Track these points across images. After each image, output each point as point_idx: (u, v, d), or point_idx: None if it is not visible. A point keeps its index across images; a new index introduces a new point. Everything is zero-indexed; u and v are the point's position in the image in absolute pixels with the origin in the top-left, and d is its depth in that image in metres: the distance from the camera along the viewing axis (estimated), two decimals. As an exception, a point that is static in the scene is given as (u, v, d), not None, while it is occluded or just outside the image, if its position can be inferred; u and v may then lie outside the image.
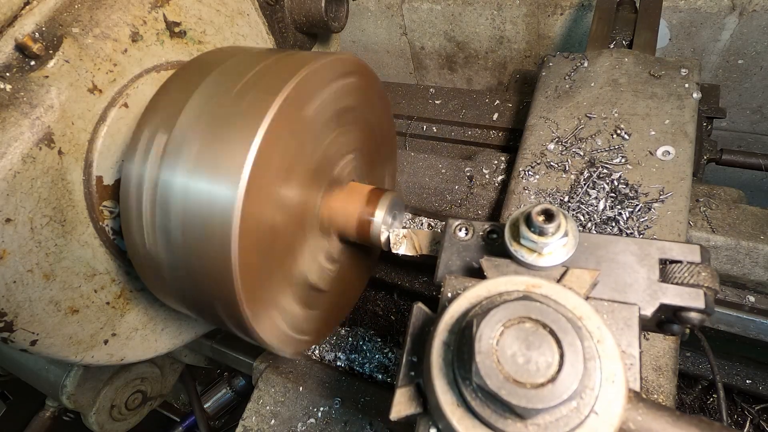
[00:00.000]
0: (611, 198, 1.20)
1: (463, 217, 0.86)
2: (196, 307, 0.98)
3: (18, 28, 0.89)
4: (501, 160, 1.59)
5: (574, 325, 0.50)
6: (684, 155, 1.23)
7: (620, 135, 1.31)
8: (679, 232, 1.13)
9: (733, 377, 1.68)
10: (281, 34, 1.49)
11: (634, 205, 1.18)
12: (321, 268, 1.13)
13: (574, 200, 1.22)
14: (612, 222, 1.17)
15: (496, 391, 0.48)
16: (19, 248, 0.89)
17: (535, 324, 0.51)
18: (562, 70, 1.52)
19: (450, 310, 0.59)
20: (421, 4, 2.68)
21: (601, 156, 1.28)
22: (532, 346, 0.49)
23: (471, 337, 0.51)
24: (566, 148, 1.33)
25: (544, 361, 0.49)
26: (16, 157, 0.86)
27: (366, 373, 1.59)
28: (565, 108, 1.41)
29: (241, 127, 0.83)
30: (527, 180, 1.31)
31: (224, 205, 0.80)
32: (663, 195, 1.18)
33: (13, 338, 0.94)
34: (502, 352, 0.50)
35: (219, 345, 2.25)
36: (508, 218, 0.71)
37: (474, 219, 0.86)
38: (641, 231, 1.14)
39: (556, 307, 0.52)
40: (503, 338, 0.50)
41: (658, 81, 1.38)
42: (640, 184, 1.21)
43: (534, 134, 1.39)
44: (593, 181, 1.23)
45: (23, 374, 2.15)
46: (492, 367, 0.48)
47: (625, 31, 1.64)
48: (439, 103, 1.94)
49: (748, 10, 1.99)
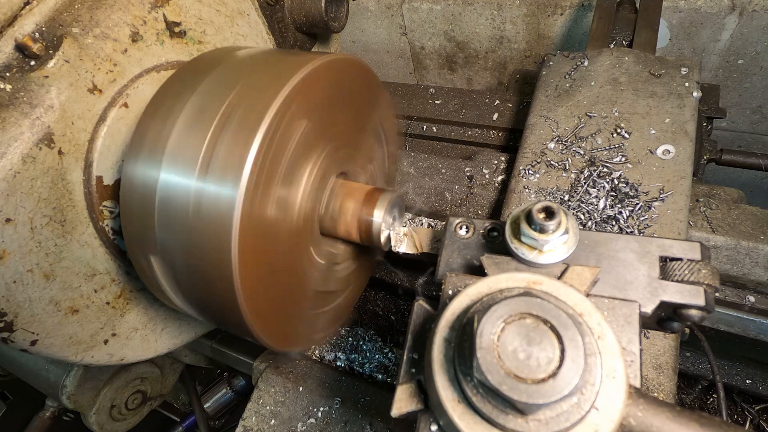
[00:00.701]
0: (611, 197, 1.20)
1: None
2: (196, 306, 0.98)
3: (18, 28, 0.89)
4: (501, 160, 1.59)
5: (575, 321, 0.50)
6: (684, 154, 1.23)
7: (620, 134, 1.31)
8: (680, 230, 1.13)
9: (733, 377, 1.68)
10: (281, 34, 1.49)
11: (635, 204, 1.18)
12: (322, 267, 1.13)
13: (574, 199, 1.22)
14: (612, 221, 1.17)
15: (497, 386, 0.48)
16: (19, 248, 0.89)
17: (536, 320, 0.51)
18: (562, 69, 1.52)
19: (451, 306, 0.59)
20: (421, 4, 2.68)
21: (601, 155, 1.29)
22: (533, 342, 0.49)
23: (472, 333, 0.51)
24: (566, 147, 1.33)
25: (545, 357, 0.49)
26: (16, 157, 0.86)
27: (366, 373, 1.59)
28: (565, 107, 1.42)
29: (241, 126, 0.83)
30: (527, 179, 1.32)
31: (225, 204, 0.80)
32: (663, 194, 1.18)
33: (13, 338, 0.94)
34: (503, 347, 0.49)
35: (219, 345, 2.25)
36: (509, 216, 0.71)
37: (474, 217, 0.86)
38: (641, 230, 1.14)
39: (556, 303, 0.52)
40: (504, 334, 0.50)
41: (658, 80, 1.39)
42: (640, 183, 1.21)
43: (534, 133, 1.40)
44: (593, 180, 1.23)
45: (23, 374, 2.15)
46: (493, 362, 0.48)
47: (625, 31, 1.64)
48: (439, 103, 1.94)
49: (748, 10, 2.00)
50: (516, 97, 1.86)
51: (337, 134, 1.05)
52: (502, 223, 0.77)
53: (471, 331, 0.52)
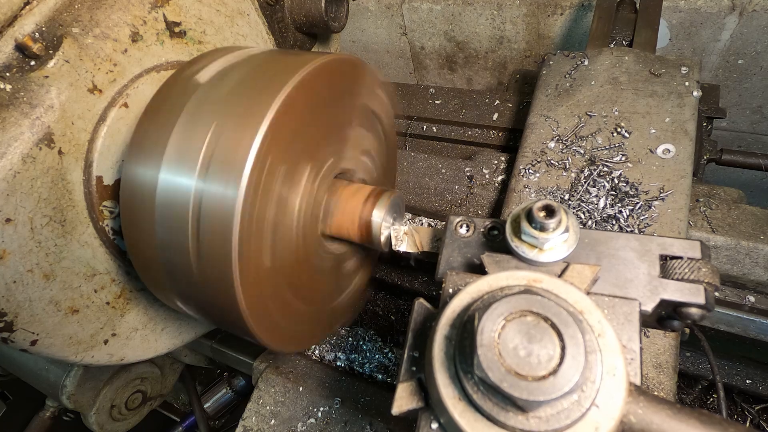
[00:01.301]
0: (611, 196, 1.20)
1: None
2: (196, 306, 0.98)
3: (18, 28, 0.89)
4: (501, 160, 1.59)
5: (576, 319, 0.50)
6: (684, 153, 1.23)
7: (620, 133, 1.31)
8: (680, 229, 1.13)
9: (733, 377, 1.68)
10: (281, 34, 1.49)
11: (635, 203, 1.18)
12: (322, 267, 1.13)
13: (574, 198, 1.22)
14: (612, 220, 1.17)
15: (497, 383, 0.48)
16: (19, 248, 0.89)
17: (537, 317, 0.51)
18: (562, 68, 1.52)
19: (451, 304, 0.59)
20: (421, 4, 2.68)
21: (601, 154, 1.29)
22: (534, 339, 0.49)
23: (473, 331, 0.51)
24: (567, 146, 1.33)
25: (545, 354, 0.49)
26: (16, 157, 0.86)
27: (366, 373, 1.59)
28: (565, 106, 1.42)
29: (242, 126, 0.83)
30: (528, 178, 1.32)
31: (225, 204, 0.80)
32: (663, 193, 1.18)
33: (13, 338, 0.94)
34: (504, 345, 0.50)
35: (219, 345, 2.25)
36: (509, 214, 0.71)
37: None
38: (641, 229, 1.14)
39: (557, 301, 0.52)
40: (505, 331, 0.50)
41: (658, 79, 1.39)
42: (640, 182, 1.21)
43: (534, 132, 1.40)
44: (593, 179, 1.23)
45: (23, 374, 2.15)
46: (494, 360, 0.48)
47: (626, 31, 1.64)
48: (439, 103, 1.94)
49: (748, 10, 2.00)
50: (516, 97, 1.86)
51: (332, 134, 1.05)
52: (502, 221, 0.77)
53: (472, 328, 0.52)
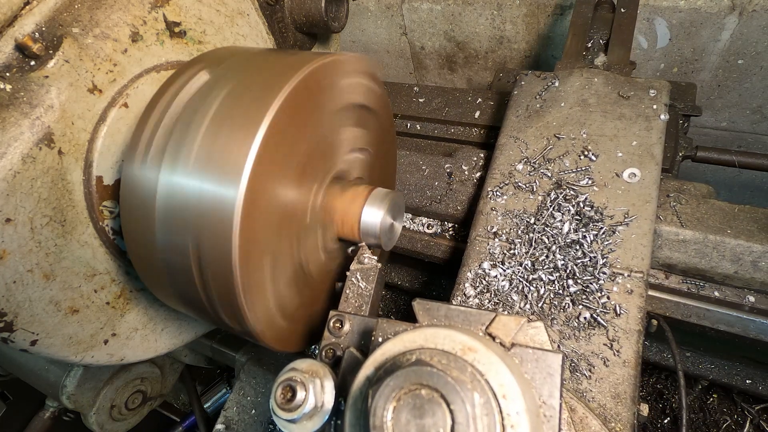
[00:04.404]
0: (576, 220, 1.19)
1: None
2: (196, 306, 0.98)
3: (18, 28, 0.89)
4: (480, 156, 1.59)
5: (464, 388, 0.50)
6: (650, 177, 1.22)
7: (588, 156, 1.30)
8: (643, 255, 1.12)
9: (733, 377, 1.69)
10: (281, 34, 1.49)
11: (599, 228, 1.17)
12: (322, 267, 1.13)
13: (539, 222, 1.21)
14: (576, 245, 1.15)
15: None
16: (19, 248, 0.89)
17: (430, 390, 0.50)
18: (533, 89, 1.50)
19: (367, 363, 0.58)
20: (421, 4, 2.68)
21: (568, 177, 1.28)
22: (426, 414, 0.49)
23: (366, 411, 0.51)
24: (534, 168, 1.32)
25: (435, 430, 0.48)
26: (16, 157, 0.86)
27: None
28: (535, 128, 1.40)
29: (242, 125, 0.83)
30: (495, 200, 1.30)
31: (225, 204, 0.80)
32: (628, 218, 1.18)
33: (13, 338, 0.94)
34: (397, 422, 0.49)
35: (219, 345, 2.25)
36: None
37: (354, 314, 0.85)
38: (605, 254, 1.14)
39: (445, 370, 0.51)
40: (398, 407, 0.50)
41: (626, 101, 1.37)
42: (605, 207, 1.21)
43: (504, 154, 1.38)
44: (559, 204, 1.21)
45: (23, 374, 2.15)
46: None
47: (603, 31, 1.65)
48: (423, 101, 1.94)
49: (748, 10, 2.00)
50: (498, 96, 1.86)
51: (327, 136, 1.04)
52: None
53: (365, 408, 0.52)
